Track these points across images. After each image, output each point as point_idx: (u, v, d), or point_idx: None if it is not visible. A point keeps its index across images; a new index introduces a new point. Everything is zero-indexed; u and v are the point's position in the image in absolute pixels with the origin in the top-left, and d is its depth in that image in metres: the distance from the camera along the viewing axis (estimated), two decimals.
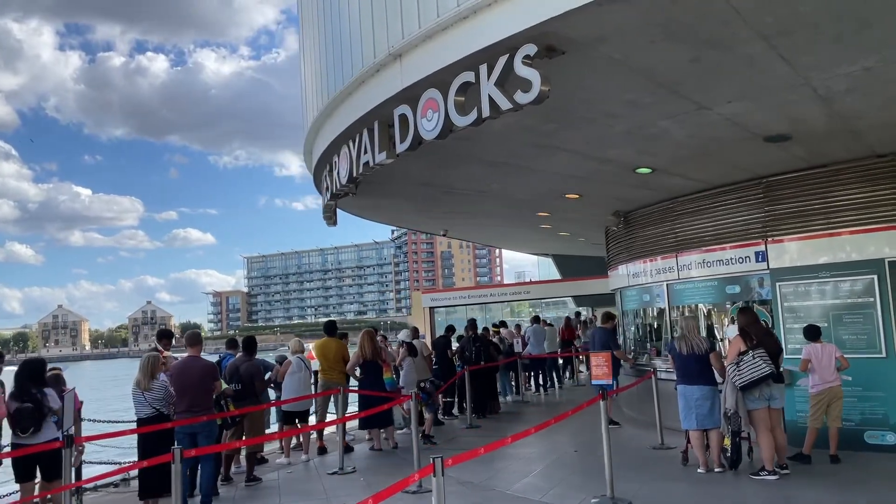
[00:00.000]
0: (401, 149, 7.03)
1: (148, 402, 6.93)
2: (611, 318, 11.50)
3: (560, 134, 7.67)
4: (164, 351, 7.85)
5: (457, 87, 6.10)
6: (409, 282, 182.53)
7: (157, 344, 8.37)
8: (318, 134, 9.92)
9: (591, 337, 11.75)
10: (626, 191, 10.20)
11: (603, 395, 6.71)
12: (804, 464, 7.50)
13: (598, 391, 6.81)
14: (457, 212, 12.87)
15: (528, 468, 8.36)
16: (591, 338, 11.74)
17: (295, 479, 8.55)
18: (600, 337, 11.20)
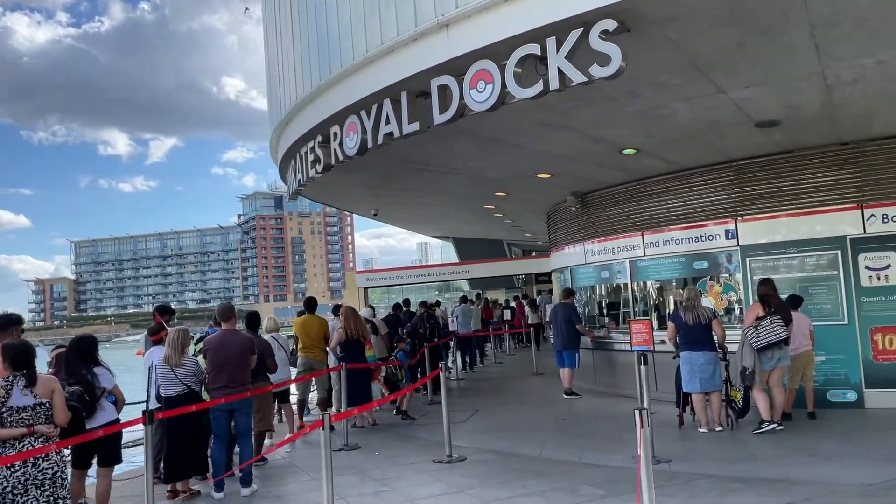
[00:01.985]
0: (440, 119, 6.96)
1: (179, 378, 6.43)
2: (571, 293, 11.97)
3: (574, 112, 7.90)
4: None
5: (517, 58, 6.16)
6: (257, 268, 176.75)
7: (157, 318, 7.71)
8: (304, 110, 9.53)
9: (552, 312, 12.16)
10: (599, 171, 10.65)
11: (643, 360, 7.07)
12: (787, 420, 8.29)
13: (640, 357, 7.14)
14: (410, 190, 12.82)
15: (535, 437, 8.57)
16: (553, 313, 12.13)
17: (305, 457, 8.22)
18: (563, 312, 11.64)
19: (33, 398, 4.64)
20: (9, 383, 4.63)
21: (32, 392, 4.65)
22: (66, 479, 4.81)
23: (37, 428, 4.60)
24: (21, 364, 4.69)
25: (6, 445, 4.57)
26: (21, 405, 4.60)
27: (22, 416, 4.59)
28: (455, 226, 20.94)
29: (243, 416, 6.70)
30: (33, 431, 4.59)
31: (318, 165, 9.21)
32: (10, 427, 4.55)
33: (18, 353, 4.70)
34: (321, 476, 7.09)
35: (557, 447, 7.89)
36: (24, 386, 4.62)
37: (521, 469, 7.03)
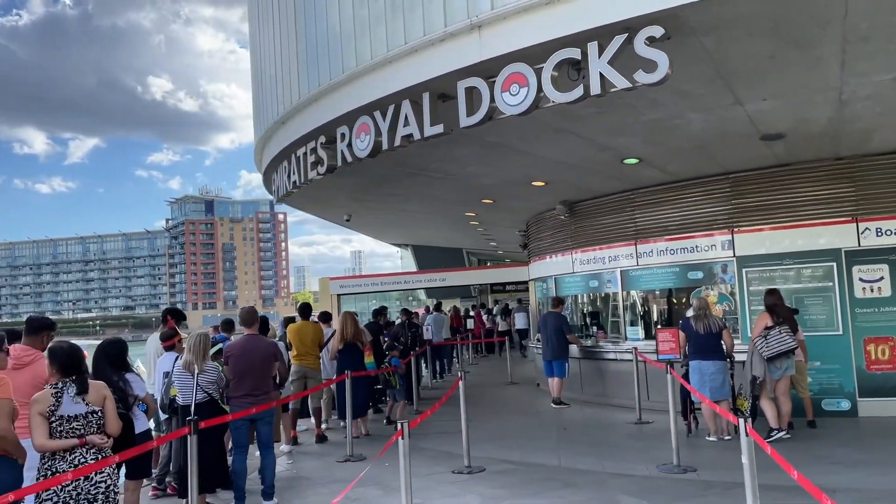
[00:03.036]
0: (467, 122, 6.82)
1: (200, 385, 6.04)
2: (560, 302, 11.94)
3: (591, 119, 7.89)
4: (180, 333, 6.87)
5: (555, 62, 6.11)
6: (185, 275, 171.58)
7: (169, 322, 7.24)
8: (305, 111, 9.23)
9: (541, 321, 12.10)
10: (595, 180, 10.69)
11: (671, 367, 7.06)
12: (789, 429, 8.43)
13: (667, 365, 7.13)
14: (395, 195, 12.60)
15: (543, 446, 8.48)
16: (543, 322, 12.06)
17: (311, 468, 7.89)
18: (553, 321, 11.58)
19: (85, 406, 4.25)
20: (58, 390, 4.23)
21: (84, 400, 4.25)
22: (118, 493, 4.41)
23: (89, 438, 4.21)
24: (71, 369, 4.28)
25: (56, 457, 4.16)
26: (72, 414, 4.20)
27: (73, 425, 4.20)
28: (421, 233, 20.74)
29: (266, 426, 6.36)
30: (85, 442, 4.20)
31: (321, 167, 8.92)
32: (60, 437, 4.15)
33: (67, 356, 4.29)
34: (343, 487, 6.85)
35: (572, 456, 7.80)
36: (76, 393, 4.22)
37: (546, 479, 6.90)
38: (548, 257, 13.13)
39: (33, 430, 4.12)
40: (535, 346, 13.88)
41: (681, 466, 6.91)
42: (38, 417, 4.13)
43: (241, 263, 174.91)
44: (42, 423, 4.12)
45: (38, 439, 4.10)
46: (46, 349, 4.39)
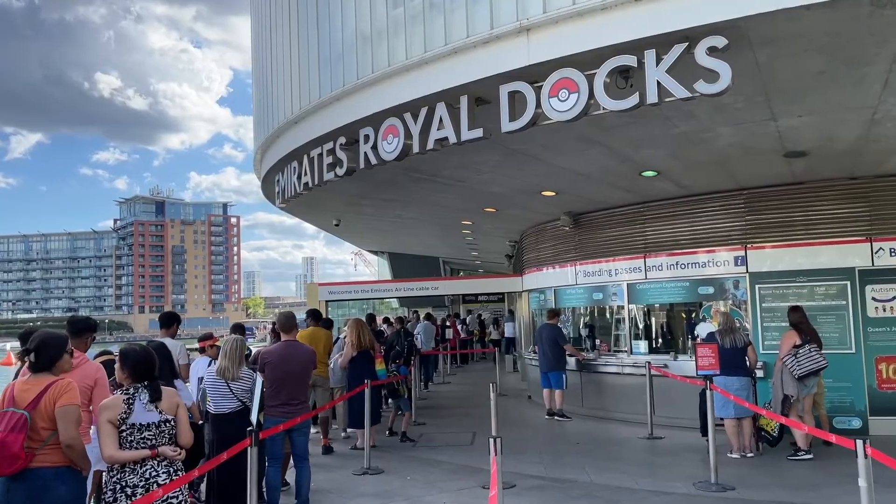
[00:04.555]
0: (510, 127, 6.67)
1: (234, 393, 5.68)
2: (556, 314, 11.86)
3: (621, 129, 7.80)
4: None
5: (609, 69, 6.00)
6: (133, 276, 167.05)
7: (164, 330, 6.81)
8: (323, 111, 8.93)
9: (537, 333, 11.98)
10: (607, 191, 10.61)
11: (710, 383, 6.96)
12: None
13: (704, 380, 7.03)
14: (395, 201, 12.34)
15: (564, 461, 8.29)
16: (538, 334, 11.97)
17: (331, 479, 7.53)
18: (548, 332, 11.52)
19: (158, 414, 3.89)
20: (130, 396, 3.87)
21: (157, 407, 3.89)
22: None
23: (161, 450, 3.85)
24: (144, 374, 3.92)
25: (125, 469, 3.79)
26: (144, 422, 3.84)
27: (144, 434, 3.83)
28: (402, 241, 20.48)
29: (302, 437, 6.02)
30: (157, 454, 3.84)
31: (339, 168, 8.62)
32: (130, 447, 3.79)
33: (141, 360, 3.92)
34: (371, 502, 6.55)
35: (600, 472, 7.63)
36: (149, 400, 3.85)
37: (585, 496, 6.72)
38: (546, 268, 13.01)
39: (102, 438, 3.76)
40: (529, 358, 13.73)
41: (719, 484, 6.80)
42: (108, 426, 3.77)
43: (192, 267, 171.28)
44: (112, 432, 3.77)
45: (107, 449, 3.75)
46: (119, 351, 4.01)
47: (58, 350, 3.81)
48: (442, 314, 26.13)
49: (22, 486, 3.55)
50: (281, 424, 5.73)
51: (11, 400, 3.61)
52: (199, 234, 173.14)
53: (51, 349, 3.78)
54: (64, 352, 3.85)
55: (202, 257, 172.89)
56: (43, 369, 3.73)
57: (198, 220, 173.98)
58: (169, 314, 6.92)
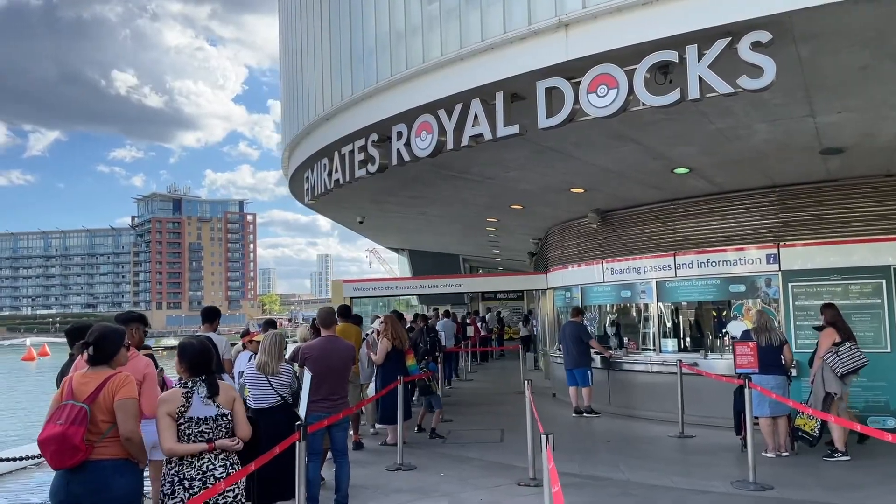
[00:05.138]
0: (546, 124, 6.64)
1: (274, 388, 5.71)
2: (580, 312, 11.85)
3: (656, 126, 7.74)
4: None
5: (650, 64, 5.96)
6: (150, 273, 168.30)
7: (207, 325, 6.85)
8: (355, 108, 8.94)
9: (561, 331, 11.96)
10: (636, 189, 10.55)
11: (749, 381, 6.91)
12: None
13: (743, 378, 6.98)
14: (421, 198, 12.33)
15: (596, 459, 8.27)
16: (562, 331, 11.97)
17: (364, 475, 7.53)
18: (571, 330, 11.53)
19: (215, 408, 3.94)
20: (189, 390, 3.92)
21: (215, 402, 3.93)
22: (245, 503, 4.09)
23: (218, 443, 3.89)
24: (201, 368, 3.97)
25: (183, 462, 3.84)
26: (202, 416, 3.89)
27: (202, 428, 3.88)
28: (423, 238, 20.48)
29: (341, 432, 6.05)
30: (214, 447, 3.87)
31: (371, 165, 8.62)
32: (188, 440, 3.84)
33: (199, 354, 3.97)
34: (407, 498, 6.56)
35: (634, 470, 7.61)
36: (206, 395, 3.89)
37: (623, 494, 6.69)
38: (572, 266, 12.96)
39: (161, 431, 3.81)
40: (553, 356, 13.71)
41: (757, 483, 6.74)
42: (167, 418, 3.82)
43: (208, 264, 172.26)
44: (171, 425, 3.82)
45: (166, 442, 3.80)
46: (178, 345, 4.05)
47: (115, 344, 3.84)
48: (461, 312, 26.15)
49: (82, 479, 3.58)
50: (325, 419, 5.75)
51: (70, 393, 3.65)
52: (215, 231, 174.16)
53: (109, 343, 3.82)
54: (121, 346, 3.88)
55: (219, 254, 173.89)
56: (101, 363, 3.77)
57: (214, 218, 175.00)
58: (210, 308, 6.97)
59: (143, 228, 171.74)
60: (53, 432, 3.51)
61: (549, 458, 4.06)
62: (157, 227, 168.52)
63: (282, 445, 4.63)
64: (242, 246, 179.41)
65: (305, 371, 5.60)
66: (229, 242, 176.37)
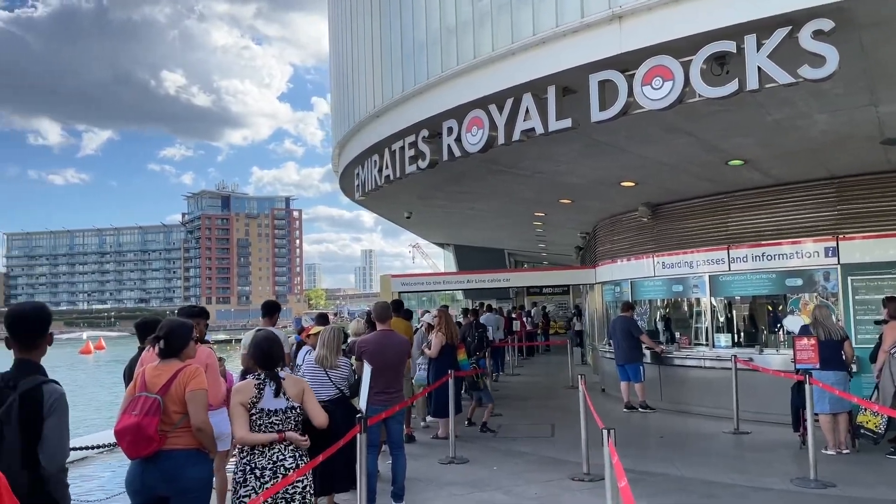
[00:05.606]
0: (600, 117, 6.59)
1: (333, 381, 5.82)
2: (630, 307, 11.75)
3: (711, 118, 7.62)
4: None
5: (706, 55, 5.87)
6: (200, 269, 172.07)
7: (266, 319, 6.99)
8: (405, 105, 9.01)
9: (611, 326, 11.89)
10: (689, 182, 10.41)
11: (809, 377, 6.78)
12: None
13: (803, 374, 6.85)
14: (469, 193, 12.35)
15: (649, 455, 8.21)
16: (612, 326, 11.90)
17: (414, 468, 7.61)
18: (622, 325, 11.45)
19: (285, 401, 4.09)
20: (261, 382, 4.08)
21: (285, 395, 4.09)
22: (313, 495, 4.20)
23: (288, 435, 4.03)
24: (271, 362, 4.14)
25: (255, 451, 3.99)
26: (272, 408, 4.05)
27: (272, 419, 4.03)
28: (468, 233, 20.52)
29: (397, 425, 6.14)
30: (284, 438, 4.01)
31: (422, 161, 8.68)
32: (259, 431, 3.99)
33: (269, 349, 4.13)
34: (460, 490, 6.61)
35: (690, 467, 7.53)
36: (277, 389, 4.05)
37: (679, 490, 6.64)
38: (622, 260, 12.85)
39: (234, 420, 3.99)
40: (603, 351, 13.62)
41: (818, 481, 6.61)
42: (240, 408, 3.99)
43: (256, 259, 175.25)
44: (243, 415, 3.98)
45: (239, 431, 3.97)
46: (252, 338, 4.21)
47: (184, 338, 3.98)
48: (507, 306, 26.12)
49: (155, 468, 3.71)
50: (383, 412, 5.84)
51: (144, 385, 3.79)
52: (262, 227, 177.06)
53: (178, 337, 3.96)
54: (190, 339, 4.02)
55: (266, 250, 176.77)
56: (171, 356, 3.91)
57: (261, 214, 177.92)
58: (270, 303, 7.11)
59: (192, 225, 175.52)
60: (129, 423, 3.65)
61: (613, 452, 4.06)
62: (207, 223, 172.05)
63: (346, 437, 4.72)
64: (289, 242, 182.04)
65: (365, 364, 5.69)
66: (276, 238, 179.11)
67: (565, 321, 26.96)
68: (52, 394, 3.02)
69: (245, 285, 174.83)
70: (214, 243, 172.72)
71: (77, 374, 39.95)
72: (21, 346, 3.16)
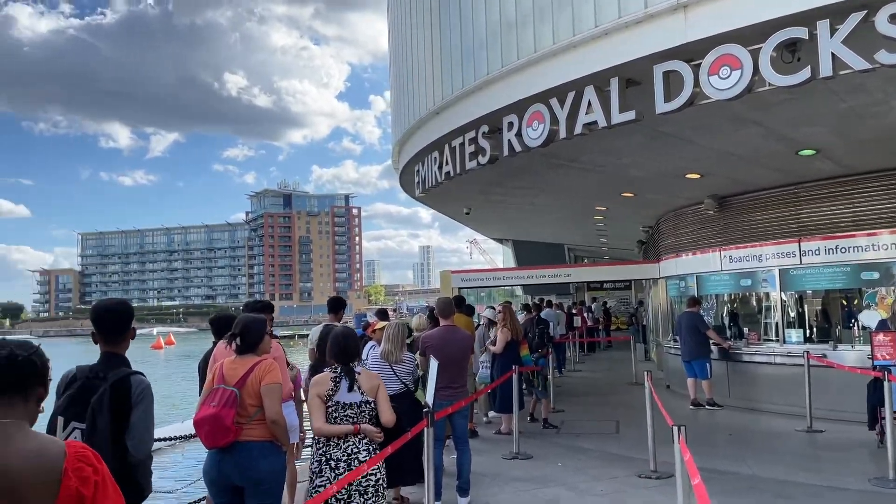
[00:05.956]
0: (665, 108, 6.49)
1: (398, 376, 5.90)
2: (696, 302, 11.51)
3: (781, 107, 7.39)
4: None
5: (776, 43, 5.70)
6: (263, 266, 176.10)
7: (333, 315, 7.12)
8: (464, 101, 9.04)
9: (677, 322, 11.68)
10: (757, 172, 10.13)
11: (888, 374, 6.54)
12: None
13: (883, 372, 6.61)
14: (528, 188, 12.30)
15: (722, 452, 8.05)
16: (678, 322, 11.68)
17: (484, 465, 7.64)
18: (688, 320, 11.21)
19: (360, 395, 4.20)
20: (337, 375, 4.21)
21: (360, 389, 4.20)
22: (385, 488, 4.31)
23: (363, 427, 4.15)
24: (347, 357, 4.28)
25: (330, 443, 4.12)
26: (348, 401, 4.17)
27: (347, 412, 4.16)
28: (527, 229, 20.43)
29: (462, 420, 6.18)
30: (359, 430, 4.13)
31: (482, 157, 8.69)
32: (334, 423, 4.12)
33: (345, 344, 4.29)
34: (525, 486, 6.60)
35: (762, 465, 7.35)
36: (347, 388, 4.17)
37: (751, 489, 6.49)
38: (686, 254, 12.59)
39: (312, 411, 4.14)
40: (667, 347, 13.39)
41: None
42: (317, 400, 4.13)
43: (317, 256, 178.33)
44: (321, 406, 4.12)
45: (316, 421, 4.11)
46: (330, 333, 4.36)
47: (259, 333, 4.11)
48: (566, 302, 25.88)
49: (231, 458, 3.84)
50: (448, 407, 5.88)
51: (221, 378, 3.92)
52: (323, 224, 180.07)
53: (253, 333, 4.09)
54: (264, 334, 4.15)
55: (326, 247, 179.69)
56: (247, 351, 4.04)
57: (322, 212, 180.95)
58: (336, 299, 7.25)
59: (256, 223, 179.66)
60: (207, 413, 3.79)
61: (684, 449, 4.00)
62: (269, 221, 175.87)
63: (413, 431, 4.79)
64: (348, 239, 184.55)
65: (431, 359, 5.74)
66: (336, 235, 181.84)
67: (627, 316, 26.56)
68: (138, 384, 3.16)
69: (307, 282, 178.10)
70: (277, 241, 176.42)
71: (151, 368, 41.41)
72: (107, 340, 3.31)
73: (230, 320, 5.80)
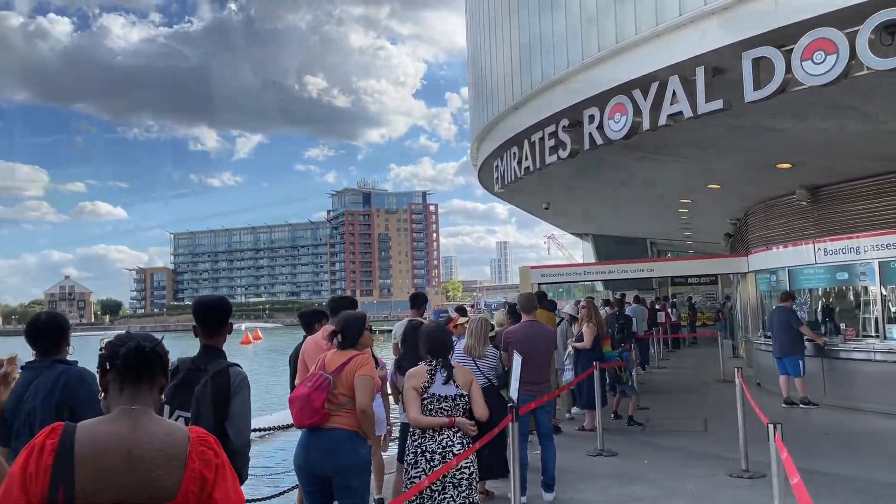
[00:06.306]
0: (754, 96, 6.31)
1: (481, 371, 5.93)
2: (789, 297, 11.07)
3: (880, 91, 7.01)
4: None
5: (875, 24, 5.42)
6: (344, 263, 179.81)
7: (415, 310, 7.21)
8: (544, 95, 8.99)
9: (769, 317, 11.27)
10: (852, 162, 9.70)
11: None
12: None
13: None
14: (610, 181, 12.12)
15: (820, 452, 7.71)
16: (770, 318, 11.28)
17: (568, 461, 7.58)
18: (780, 315, 10.81)
19: (455, 388, 4.30)
20: (433, 368, 4.34)
21: (455, 382, 4.31)
22: (477, 482, 4.40)
23: (458, 420, 4.25)
24: (439, 351, 4.40)
25: (426, 435, 4.24)
26: (442, 394, 4.27)
27: (442, 405, 4.26)
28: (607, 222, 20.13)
29: (546, 415, 6.18)
30: (453, 423, 4.23)
31: (563, 151, 8.63)
32: (430, 415, 4.24)
33: (439, 338, 4.43)
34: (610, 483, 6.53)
35: (863, 467, 7.04)
36: (446, 376, 4.29)
37: (854, 491, 6.24)
38: (777, 247, 12.12)
39: (408, 403, 4.27)
40: (758, 343, 12.94)
41: None
42: (413, 392, 4.26)
43: (396, 253, 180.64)
44: (416, 398, 4.24)
45: (412, 412, 4.23)
46: (423, 329, 4.53)
47: (358, 329, 4.28)
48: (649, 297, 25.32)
49: (319, 443, 4.01)
50: (532, 402, 5.89)
51: (323, 366, 4.13)
52: (401, 221, 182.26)
53: (353, 329, 4.25)
54: (364, 329, 4.31)
55: (405, 244, 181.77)
56: (349, 346, 4.21)
57: (400, 209, 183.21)
58: (419, 294, 7.34)
59: (337, 221, 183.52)
60: (301, 392, 4.01)
61: (781, 448, 3.89)
62: (350, 219, 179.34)
63: (500, 426, 4.82)
64: (426, 235, 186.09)
65: (515, 355, 5.75)
66: (414, 232, 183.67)
67: (713, 312, 25.77)
68: (237, 375, 3.33)
69: (386, 278, 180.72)
70: (357, 238, 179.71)
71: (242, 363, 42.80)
72: (207, 334, 3.49)
73: (319, 315, 6.00)
